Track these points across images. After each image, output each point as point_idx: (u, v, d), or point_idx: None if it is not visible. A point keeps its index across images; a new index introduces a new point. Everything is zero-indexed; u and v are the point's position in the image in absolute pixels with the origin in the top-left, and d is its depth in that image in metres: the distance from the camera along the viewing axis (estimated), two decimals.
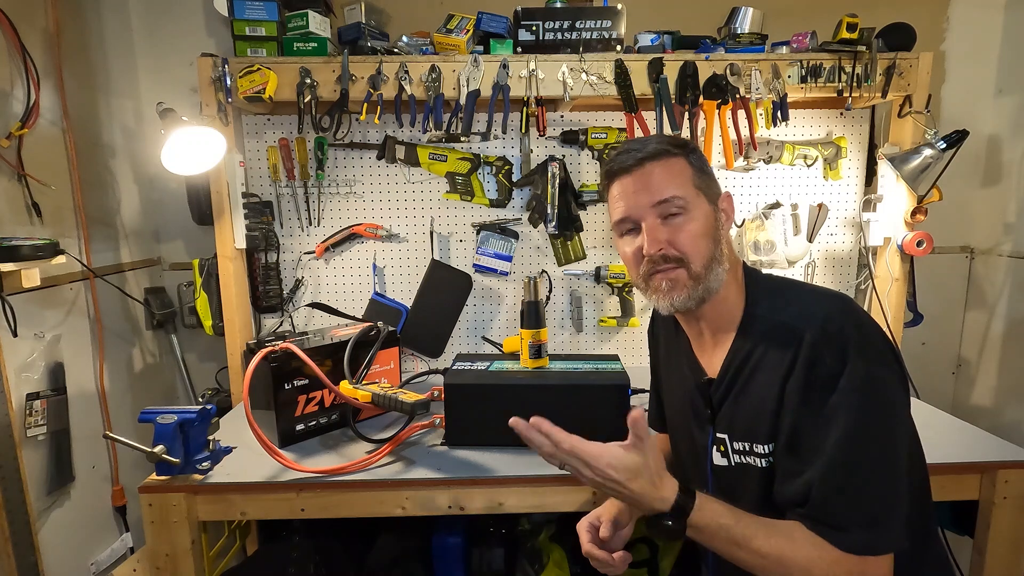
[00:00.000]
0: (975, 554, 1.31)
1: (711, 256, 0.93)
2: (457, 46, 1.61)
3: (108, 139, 1.77)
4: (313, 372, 1.33)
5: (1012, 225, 1.87)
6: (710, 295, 0.93)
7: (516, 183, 1.81)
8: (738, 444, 0.94)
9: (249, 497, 1.22)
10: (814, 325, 0.85)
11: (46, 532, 1.44)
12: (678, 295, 0.93)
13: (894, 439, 0.84)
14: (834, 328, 0.85)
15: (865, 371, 0.82)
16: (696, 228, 0.92)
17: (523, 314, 1.43)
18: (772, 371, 0.88)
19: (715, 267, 0.93)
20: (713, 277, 0.93)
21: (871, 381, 0.82)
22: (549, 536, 1.61)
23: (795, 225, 1.83)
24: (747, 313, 0.95)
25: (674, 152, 0.94)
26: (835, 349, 0.83)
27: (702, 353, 1.02)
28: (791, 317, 0.89)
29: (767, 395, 0.89)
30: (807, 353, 0.84)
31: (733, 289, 0.96)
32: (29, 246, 1.29)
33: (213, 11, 1.78)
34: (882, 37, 1.63)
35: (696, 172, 0.95)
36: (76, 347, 1.57)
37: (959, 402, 2.05)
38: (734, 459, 0.95)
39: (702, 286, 0.92)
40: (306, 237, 1.85)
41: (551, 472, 1.24)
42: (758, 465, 0.92)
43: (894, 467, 0.83)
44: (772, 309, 0.93)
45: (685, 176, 0.94)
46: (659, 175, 0.93)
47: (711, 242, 0.93)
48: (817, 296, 0.93)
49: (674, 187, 0.92)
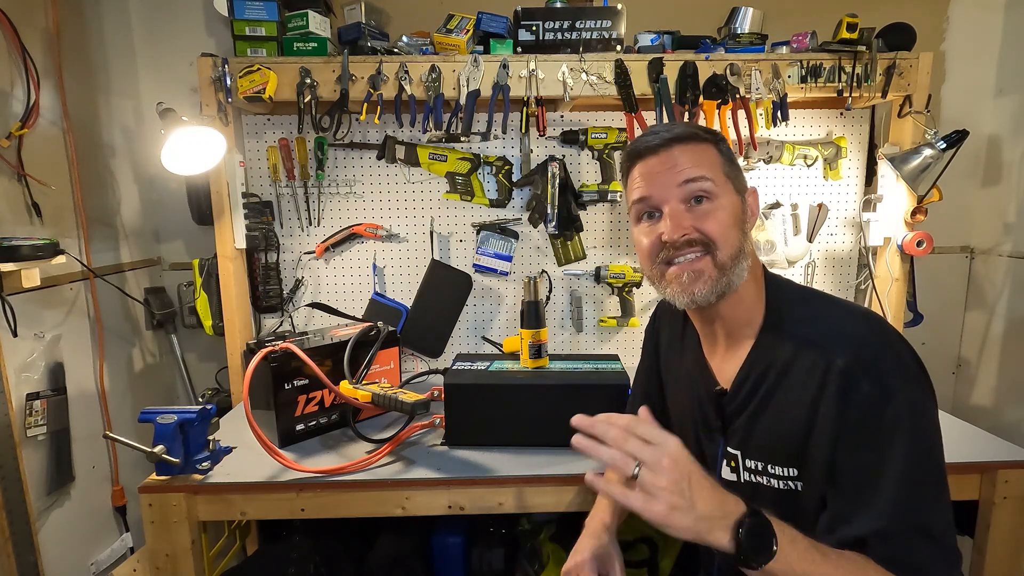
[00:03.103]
0: (975, 554, 1.30)
1: (739, 247, 0.87)
2: (457, 46, 1.61)
3: (108, 139, 1.77)
4: (313, 372, 1.33)
5: (1012, 225, 1.87)
6: (731, 290, 0.87)
7: (516, 183, 1.81)
8: (751, 462, 0.90)
9: (249, 497, 1.22)
10: (847, 348, 0.80)
11: (46, 532, 1.44)
12: (701, 288, 0.86)
13: (943, 466, 0.81)
14: (869, 354, 0.80)
15: (908, 400, 0.78)
16: (725, 216, 0.86)
17: (523, 314, 1.43)
18: (798, 392, 0.84)
19: (741, 260, 0.87)
20: (737, 271, 0.86)
21: (915, 410, 0.78)
22: (549, 536, 1.61)
23: (795, 225, 1.83)
24: (768, 320, 0.90)
25: (704, 137, 0.89)
26: (872, 377, 0.78)
27: (714, 357, 0.97)
28: (820, 335, 0.84)
29: (792, 416, 0.84)
30: (840, 380, 0.79)
31: (752, 290, 0.91)
32: (29, 246, 1.29)
33: (213, 11, 1.78)
34: (882, 37, 1.63)
35: (725, 161, 0.90)
36: (76, 347, 1.57)
37: (959, 402, 2.04)
38: (744, 476, 0.91)
39: (726, 279, 0.86)
40: (306, 237, 1.85)
41: (551, 472, 1.24)
42: (773, 486, 0.88)
43: (948, 496, 0.80)
44: (796, 320, 0.88)
45: (715, 162, 0.88)
46: (688, 157, 0.87)
47: (739, 233, 0.87)
48: (847, 314, 0.87)
49: (702, 168, 0.86)
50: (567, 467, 1.25)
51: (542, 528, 1.65)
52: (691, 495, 0.70)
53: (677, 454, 0.72)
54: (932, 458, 0.80)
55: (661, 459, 0.71)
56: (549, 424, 1.25)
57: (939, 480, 0.80)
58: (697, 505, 0.70)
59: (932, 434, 0.80)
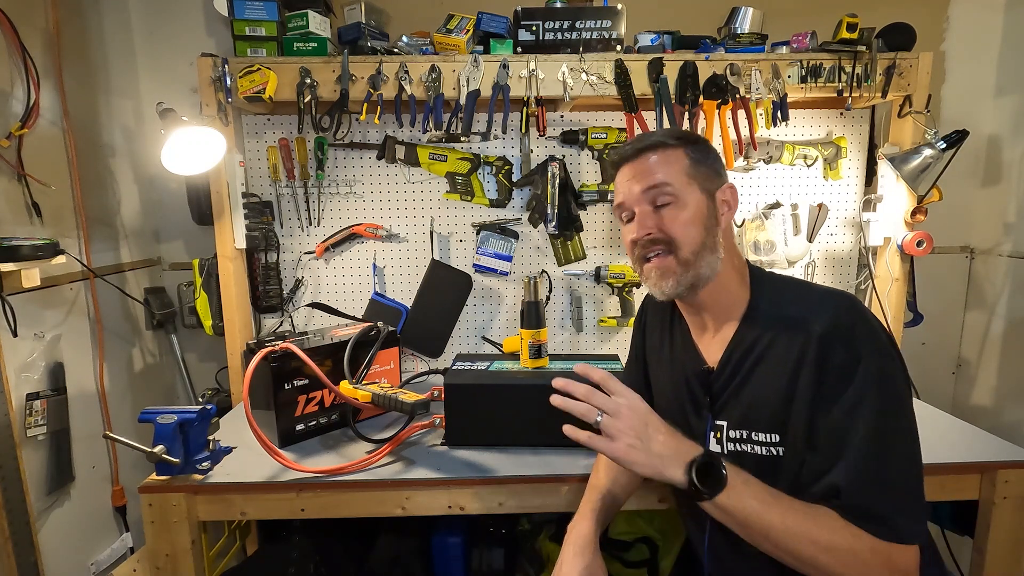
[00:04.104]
0: (975, 554, 1.30)
1: (701, 243, 0.95)
2: (457, 46, 1.61)
3: (108, 139, 1.77)
4: (313, 372, 1.33)
5: (1012, 225, 1.87)
6: (701, 282, 0.96)
7: (516, 183, 1.81)
8: (735, 432, 0.96)
9: (249, 497, 1.22)
10: (826, 318, 0.88)
11: (46, 532, 1.44)
12: (667, 282, 0.96)
13: (914, 432, 0.86)
14: (844, 323, 0.87)
15: (878, 367, 0.84)
16: (685, 216, 0.95)
17: (523, 314, 1.43)
18: (779, 362, 0.90)
19: (706, 255, 0.95)
20: (704, 265, 0.95)
21: (884, 376, 0.85)
22: (549, 536, 1.61)
23: (795, 225, 1.83)
24: (751, 305, 0.97)
25: (671, 144, 0.98)
26: (847, 343, 0.86)
27: (702, 341, 1.04)
28: (798, 311, 0.91)
29: (774, 385, 0.90)
30: (818, 346, 0.86)
31: (735, 278, 0.99)
32: (29, 246, 1.29)
33: (213, 11, 1.78)
34: (882, 37, 1.63)
35: (692, 163, 0.97)
36: (76, 347, 1.57)
37: (959, 402, 2.04)
38: (728, 446, 0.97)
39: (691, 272, 0.95)
40: (306, 237, 1.85)
41: (551, 472, 1.24)
42: (756, 453, 0.94)
43: (917, 460, 0.85)
44: (777, 303, 0.95)
45: (678, 166, 0.96)
46: (652, 164, 0.97)
47: (701, 230, 0.95)
48: (823, 293, 0.94)
49: (663, 175, 0.96)
50: (567, 467, 1.25)
51: (542, 528, 1.65)
52: (648, 436, 0.83)
53: (635, 403, 0.85)
54: (900, 419, 0.85)
55: (620, 408, 0.84)
56: (549, 424, 1.24)
57: (907, 439, 0.85)
58: (653, 445, 0.83)
59: (901, 398, 0.86)
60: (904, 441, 0.85)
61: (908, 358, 1.76)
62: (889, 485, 0.83)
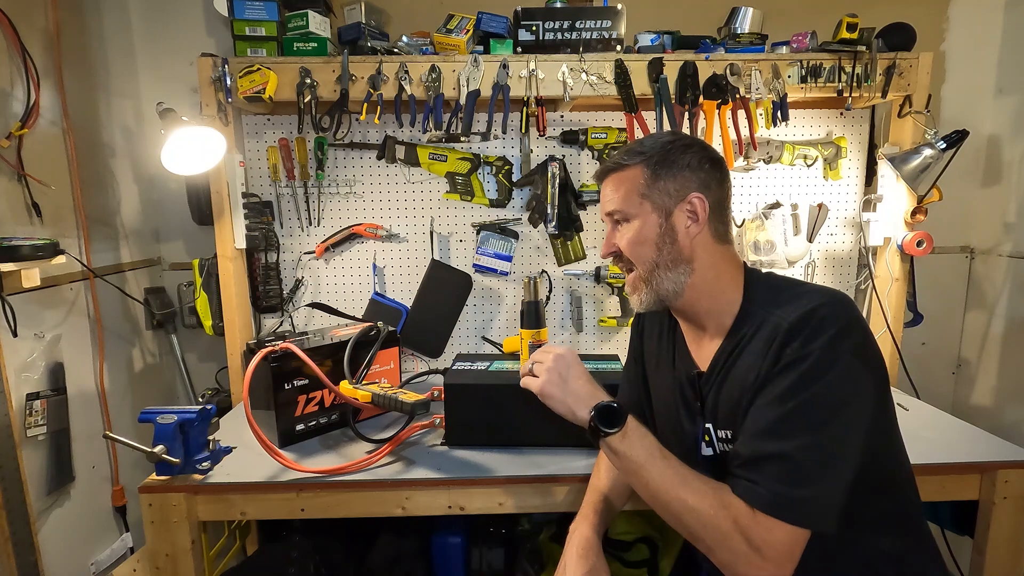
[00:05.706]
0: (975, 554, 1.30)
1: (653, 262, 0.97)
2: (457, 46, 1.61)
3: (108, 139, 1.77)
4: (313, 372, 1.33)
5: (1012, 225, 1.87)
6: (668, 297, 0.97)
7: (516, 183, 1.81)
8: (721, 433, 0.96)
9: (249, 497, 1.22)
10: (798, 312, 0.86)
11: (46, 532, 1.44)
12: (635, 297, 1.01)
13: (842, 428, 0.82)
14: (816, 317, 0.84)
15: (831, 361, 0.81)
16: (632, 236, 0.98)
17: (523, 314, 1.42)
18: (753, 359, 0.89)
19: (662, 272, 0.96)
20: (664, 281, 0.96)
21: (834, 371, 0.81)
22: (549, 536, 1.61)
23: (795, 225, 1.83)
24: (743, 308, 0.96)
25: (627, 164, 0.98)
26: (807, 335, 0.83)
27: (697, 346, 1.04)
28: (783, 309, 0.89)
29: (745, 382, 0.89)
30: (782, 338, 0.85)
31: (724, 286, 0.97)
32: (29, 246, 1.29)
33: (213, 11, 1.78)
34: (882, 37, 1.63)
35: (649, 180, 0.96)
36: (76, 347, 1.57)
37: (959, 402, 2.05)
38: (719, 447, 0.97)
39: (651, 288, 0.98)
40: (306, 237, 1.85)
41: (551, 472, 1.24)
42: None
43: (828, 451, 0.81)
44: (767, 304, 0.93)
45: (631, 186, 0.97)
46: (609, 188, 1.01)
47: (651, 249, 0.96)
48: (815, 291, 0.92)
49: (616, 200, 0.99)
50: (567, 467, 1.25)
51: (542, 528, 1.65)
52: (568, 378, 0.96)
53: (565, 354, 0.98)
54: (823, 415, 0.81)
55: (548, 355, 0.98)
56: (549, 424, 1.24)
57: (819, 432, 0.81)
58: (569, 386, 0.95)
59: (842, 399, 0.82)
60: (818, 429, 0.81)
61: (908, 358, 1.78)
62: (777, 460, 0.81)
